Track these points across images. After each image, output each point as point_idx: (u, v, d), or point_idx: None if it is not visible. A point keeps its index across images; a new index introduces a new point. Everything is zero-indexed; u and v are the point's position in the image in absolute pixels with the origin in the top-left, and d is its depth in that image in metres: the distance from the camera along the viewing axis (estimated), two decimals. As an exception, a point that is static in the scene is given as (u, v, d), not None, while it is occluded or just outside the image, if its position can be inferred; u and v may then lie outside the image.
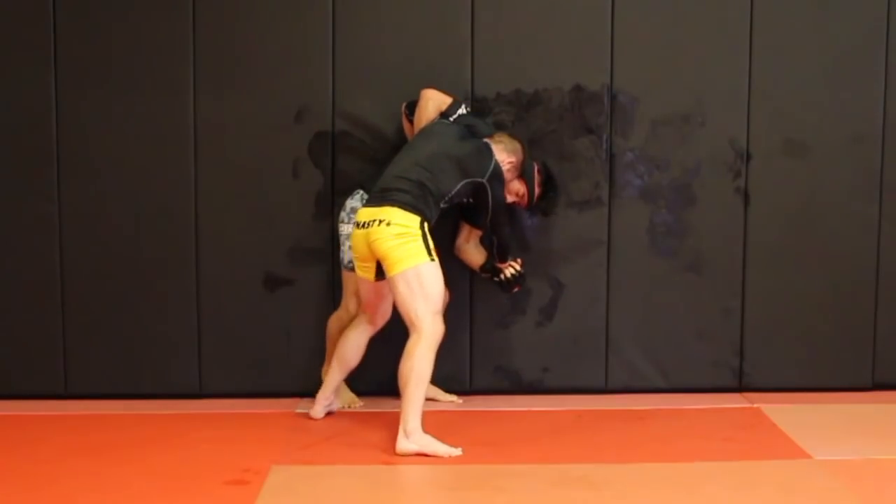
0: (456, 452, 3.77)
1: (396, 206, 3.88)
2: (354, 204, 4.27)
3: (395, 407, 4.09)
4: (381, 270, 3.94)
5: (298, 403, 4.41)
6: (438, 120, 4.21)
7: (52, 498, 3.38)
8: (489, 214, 4.16)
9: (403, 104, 4.36)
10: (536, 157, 4.41)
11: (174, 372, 4.55)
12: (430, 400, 4.04)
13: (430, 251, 3.87)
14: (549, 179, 4.43)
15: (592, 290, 4.60)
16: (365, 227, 3.91)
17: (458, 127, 4.18)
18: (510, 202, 4.32)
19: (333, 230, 4.43)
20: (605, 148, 4.55)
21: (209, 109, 4.44)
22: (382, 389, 4.42)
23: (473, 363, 4.62)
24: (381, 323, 4.19)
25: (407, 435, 3.77)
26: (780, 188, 4.60)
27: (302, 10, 4.45)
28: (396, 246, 3.84)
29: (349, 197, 4.33)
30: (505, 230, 4.28)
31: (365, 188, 4.25)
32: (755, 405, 4.47)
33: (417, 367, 3.78)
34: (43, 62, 4.41)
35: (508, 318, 4.61)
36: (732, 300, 4.64)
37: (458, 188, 4.03)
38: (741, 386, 4.67)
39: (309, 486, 3.49)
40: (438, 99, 4.25)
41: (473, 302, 4.58)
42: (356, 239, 3.97)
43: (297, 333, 4.54)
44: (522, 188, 4.36)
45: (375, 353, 4.23)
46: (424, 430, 3.80)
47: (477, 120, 4.30)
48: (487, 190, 4.08)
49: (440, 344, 3.87)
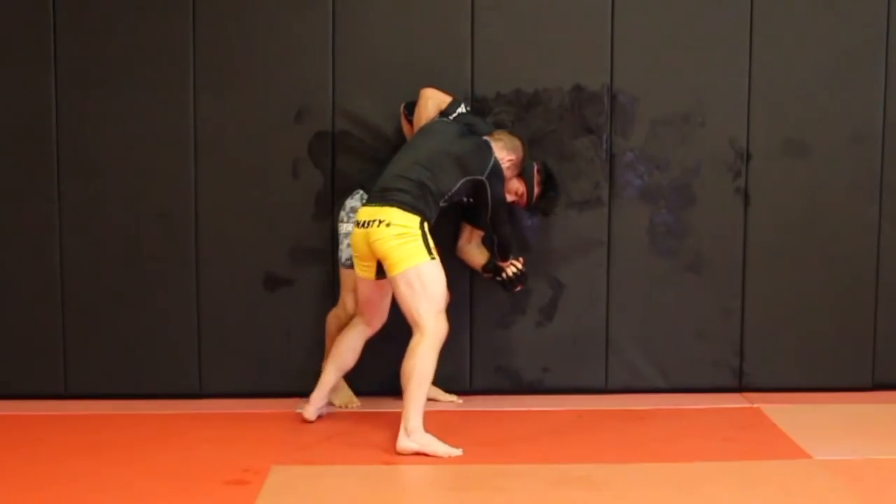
0: (456, 453, 3.77)
1: (396, 206, 3.88)
2: (354, 203, 4.27)
3: (395, 407, 4.09)
4: (381, 269, 3.94)
5: (298, 403, 4.40)
6: (438, 118, 4.21)
7: (52, 498, 3.38)
8: (489, 213, 4.15)
9: (402, 105, 4.36)
10: (536, 157, 4.41)
11: (174, 372, 4.55)
12: (430, 400, 4.04)
13: (430, 250, 3.87)
14: (548, 179, 4.43)
15: (592, 290, 4.60)
16: (365, 226, 3.91)
17: (457, 125, 4.18)
18: (510, 201, 4.32)
19: (333, 230, 4.43)
20: (605, 148, 4.55)
21: (209, 109, 4.44)
22: (383, 389, 4.43)
23: (473, 363, 4.62)
24: (377, 325, 4.18)
25: (408, 433, 3.77)
26: (780, 188, 4.60)
27: (302, 10, 4.44)
28: (397, 246, 3.84)
29: (349, 197, 4.33)
30: (505, 228, 4.27)
31: (365, 188, 4.25)
32: (755, 405, 4.47)
33: (420, 365, 3.78)
34: (43, 62, 4.40)
35: (508, 318, 4.61)
36: (732, 300, 4.64)
37: (457, 186, 4.03)
38: (741, 386, 4.67)
39: (309, 486, 3.49)
40: (438, 98, 4.25)
41: (473, 302, 4.58)
42: (356, 238, 3.97)
43: (297, 333, 4.54)
44: (522, 187, 4.36)
45: (376, 353, 4.23)
46: (426, 429, 3.80)
47: (476, 119, 4.30)
48: (487, 187, 4.08)
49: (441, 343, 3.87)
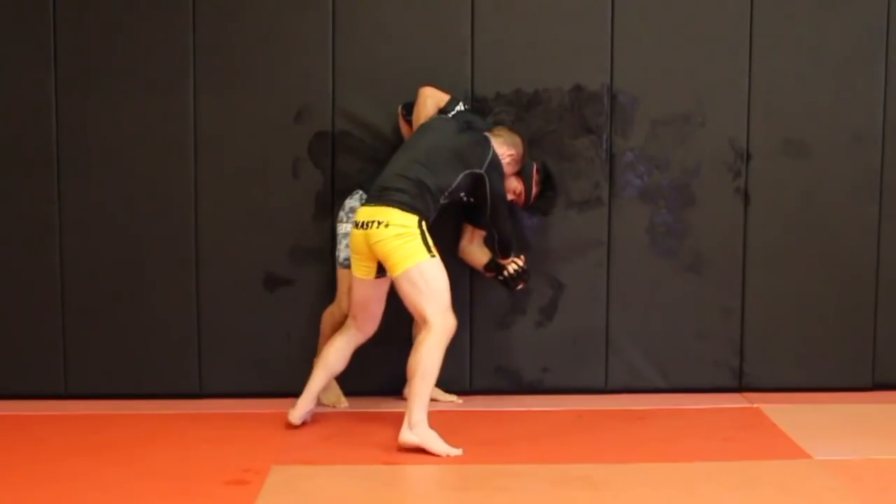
0: (456, 452, 3.77)
1: (394, 206, 3.88)
2: (353, 203, 4.27)
3: (394, 407, 4.10)
4: (381, 268, 3.94)
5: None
6: (437, 116, 4.21)
7: (52, 498, 3.37)
8: (489, 208, 4.14)
9: (400, 106, 4.36)
10: (536, 157, 4.41)
11: (174, 372, 4.55)
12: (430, 400, 4.03)
13: (429, 248, 3.87)
14: (547, 179, 4.43)
15: (592, 290, 4.60)
16: (364, 227, 3.91)
17: (456, 122, 4.18)
18: (508, 200, 4.32)
19: (333, 230, 4.42)
20: (605, 148, 4.54)
21: (209, 109, 4.44)
22: (382, 390, 4.43)
23: (473, 363, 4.62)
24: (370, 331, 4.15)
25: (411, 426, 3.78)
26: (780, 188, 4.60)
27: (302, 10, 4.44)
28: (397, 247, 3.84)
29: (349, 197, 4.33)
30: (506, 225, 4.26)
31: (364, 188, 4.24)
32: (755, 405, 4.47)
33: (424, 360, 3.79)
34: (43, 62, 4.40)
35: (508, 318, 4.61)
36: (732, 300, 4.64)
37: (457, 181, 4.02)
38: (741, 386, 4.67)
39: (309, 485, 3.49)
40: (437, 96, 4.25)
41: (473, 302, 4.58)
42: (355, 239, 3.97)
43: (297, 333, 4.53)
44: (520, 186, 4.36)
45: (375, 353, 4.23)
46: (431, 425, 3.80)
47: (475, 116, 4.31)
48: (486, 181, 4.07)
49: (443, 342, 3.88)
